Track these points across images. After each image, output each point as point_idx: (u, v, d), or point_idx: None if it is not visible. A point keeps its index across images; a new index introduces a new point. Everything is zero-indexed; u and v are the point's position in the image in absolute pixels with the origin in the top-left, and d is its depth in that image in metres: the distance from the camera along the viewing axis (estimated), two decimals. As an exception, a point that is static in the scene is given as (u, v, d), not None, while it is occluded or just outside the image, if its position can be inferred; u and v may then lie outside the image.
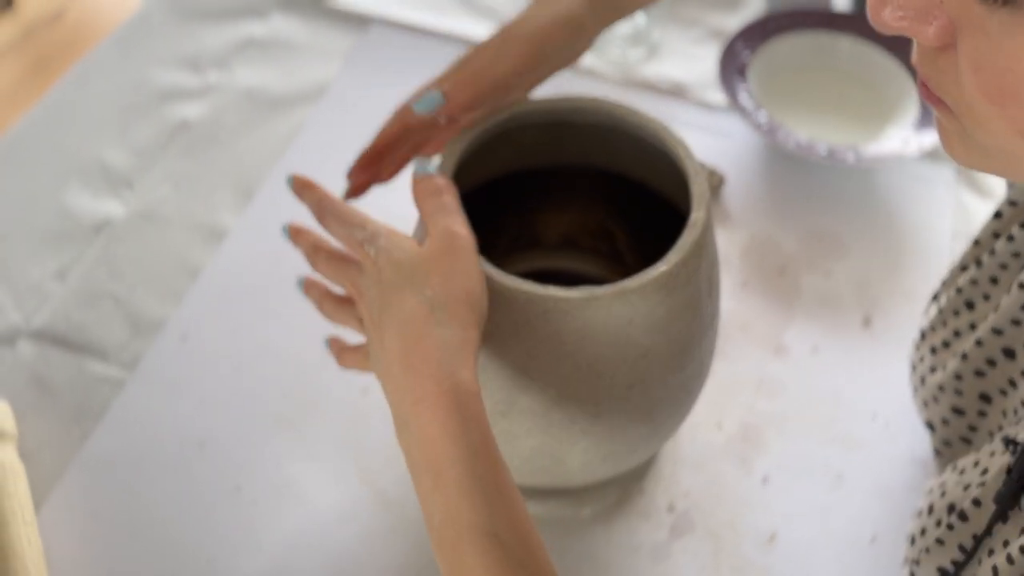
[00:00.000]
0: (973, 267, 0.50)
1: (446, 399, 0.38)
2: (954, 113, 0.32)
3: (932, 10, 0.30)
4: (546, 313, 0.41)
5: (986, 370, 0.47)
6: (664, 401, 0.46)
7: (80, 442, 0.61)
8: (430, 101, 0.47)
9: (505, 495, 0.38)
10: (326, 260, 0.48)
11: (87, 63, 0.84)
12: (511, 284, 0.41)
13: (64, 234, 0.72)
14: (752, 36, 0.79)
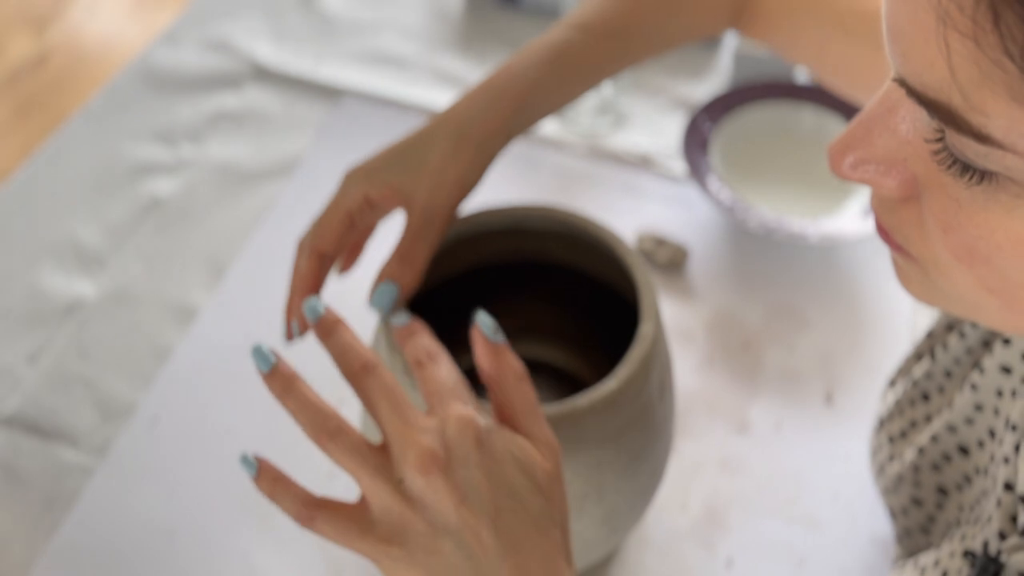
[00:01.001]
0: (928, 358, 0.50)
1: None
2: (915, 260, 0.31)
3: (895, 164, 0.29)
4: (497, 432, 0.42)
5: (942, 464, 0.48)
6: (619, 506, 0.47)
7: (49, 533, 0.61)
8: (384, 295, 0.45)
9: None
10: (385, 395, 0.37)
11: (59, 137, 0.85)
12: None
13: (35, 315, 0.72)
14: (714, 109, 0.80)
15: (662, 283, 0.74)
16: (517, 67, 0.48)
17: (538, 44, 0.50)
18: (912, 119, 0.28)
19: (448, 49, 0.94)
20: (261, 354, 0.40)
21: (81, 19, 2.14)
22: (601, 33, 0.51)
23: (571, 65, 0.50)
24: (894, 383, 0.55)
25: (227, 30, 0.95)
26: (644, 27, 0.53)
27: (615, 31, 0.52)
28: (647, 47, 0.54)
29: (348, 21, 0.96)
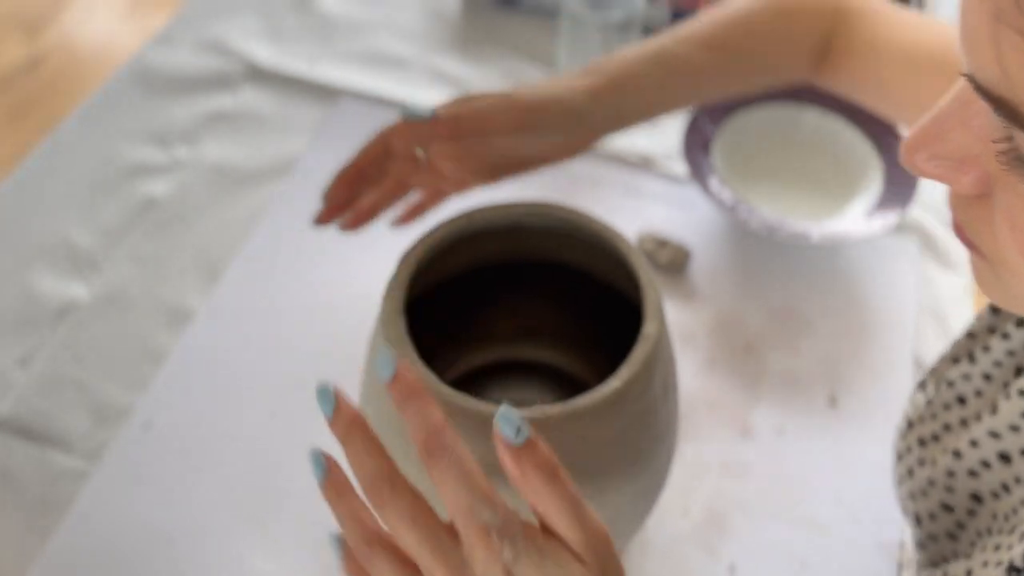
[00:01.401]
0: (966, 361, 0.49)
1: None
2: (988, 259, 0.31)
3: (968, 160, 0.29)
4: (499, 433, 0.41)
5: (980, 471, 0.46)
6: (622, 508, 0.46)
7: (43, 538, 0.60)
8: (419, 110, 0.50)
9: None
10: (410, 529, 0.33)
11: (54, 139, 0.84)
12: (464, 404, 0.41)
13: (28, 319, 0.71)
14: (716, 109, 0.79)
15: (664, 284, 0.74)
16: (617, 55, 0.55)
17: (638, 46, 0.56)
18: (983, 116, 0.28)
19: (445, 50, 0.93)
20: (325, 396, 0.36)
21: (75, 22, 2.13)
22: (706, 46, 0.57)
23: (668, 65, 0.56)
24: (924, 385, 0.54)
25: (222, 30, 0.94)
26: (745, 50, 0.58)
27: (723, 49, 0.57)
28: (746, 72, 0.59)
29: (344, 21, 0.96)
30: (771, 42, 0.59)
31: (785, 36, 0.59)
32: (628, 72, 0.55)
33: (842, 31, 0.58)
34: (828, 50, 0.58)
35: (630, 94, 0.55)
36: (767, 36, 0.58)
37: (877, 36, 0.56)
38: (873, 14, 0.57)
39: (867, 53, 0.56)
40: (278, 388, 0.67)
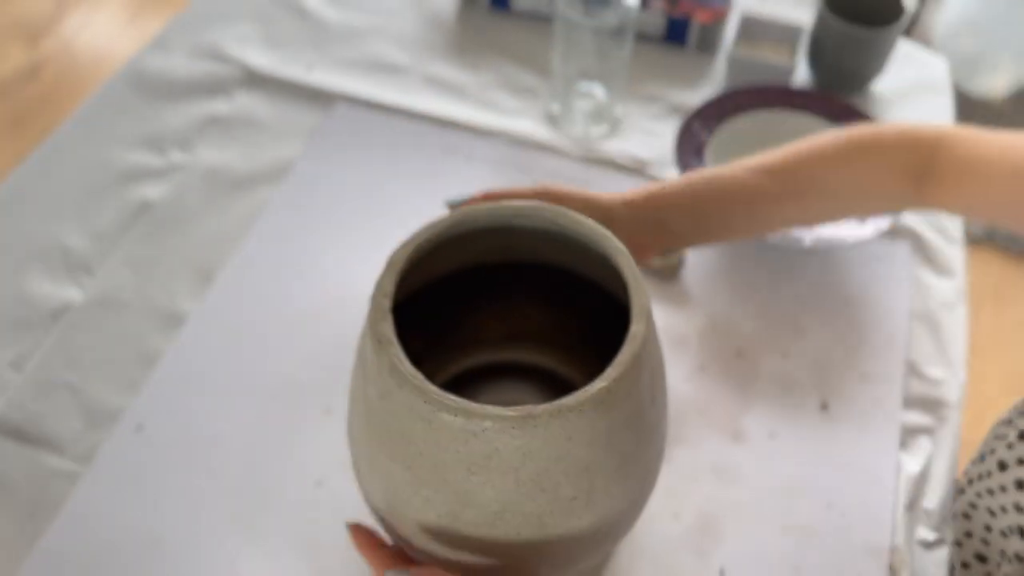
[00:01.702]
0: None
1: None
2: None
3: None
4: (485, 431, 0.41)
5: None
6: (610, 511, 0.46)
7: (33, 540, 0.60)
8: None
9: None
10: None
11: (49, 144, 0.84)
12: (451, 402, 0.41)
13: (22, 321, 0.71)
14: (709, 115, 0.80)
15: (656, 290, 0.74)
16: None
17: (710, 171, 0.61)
18: None
19: (440, 56, 0.93)
20: None
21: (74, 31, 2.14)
22: (767, 172, 0.60)
23: (718, 184, 0.60)
24: (1012, 421, 0.54)
25: (218, 37, 0.94)
26: (816, 179, 0.61)
27: (785, 175, 0.61)
28: (820, 200, 0.62)
29: (341, 29, 0.96)
30: (849, 176, 0.61)
31: (867, 170, 0.61)
32: (673, 186, 0.61)
33: (942, 157, 0.60)
34: (929, 176, 0.60)
35: (667, 207, 0.60)
36: (843, 170, 0.61)
37: (978, 156, 0.58)
38: (970, 137, 0.60)
39: (971, 173, 0.59)
40: (269, 391, 0.67)
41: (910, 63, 0.93)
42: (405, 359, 0.43)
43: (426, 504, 0.45)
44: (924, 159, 0.61)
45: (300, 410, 0.66)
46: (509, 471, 0.42)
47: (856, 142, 0.61)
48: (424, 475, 0.44)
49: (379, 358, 0.43)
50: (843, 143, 0.61)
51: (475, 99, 0.89)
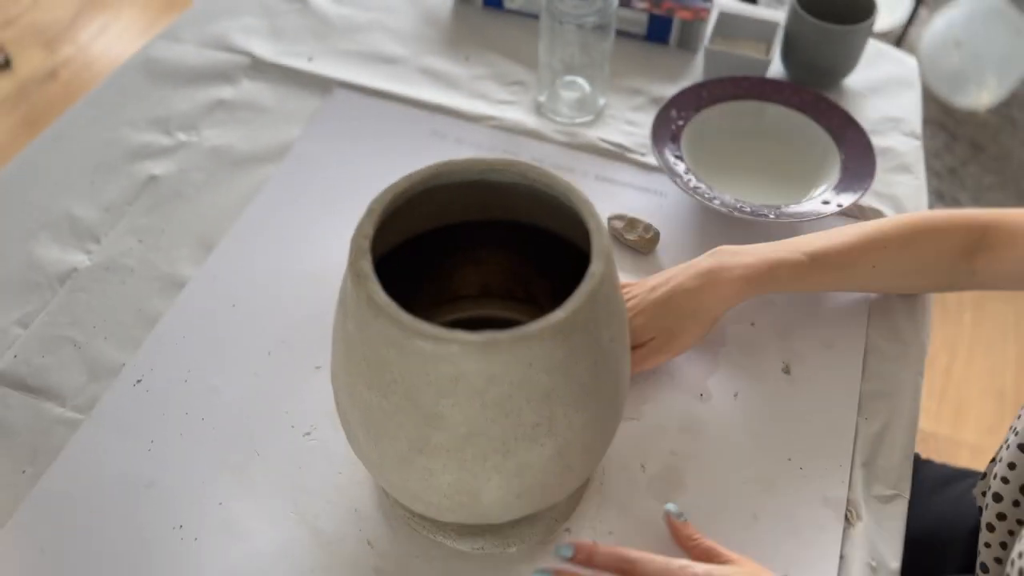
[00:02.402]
0: None
1: None
2: None
3: None
4: (452, 356, 0.44)
5: None
6: (572, 442, 0.50)
7: (33, 480, 0.64)
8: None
9: None
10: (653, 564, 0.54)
11: (61, 123, 0.89)
12: (422, 328, 0.45)
13: (30, 284, 0.76)
14: (686, 103, 0.84)
15: (633, 263, 0.77)
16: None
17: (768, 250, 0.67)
18: None
19: (435, 50, 0.98)
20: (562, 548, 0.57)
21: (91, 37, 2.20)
22: (821, 262, 0.66)
23: (782, 279, 0.66)
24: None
25: (225, 29, 0.99)
26: (867, 263, 0.67)
27: (836, 264, 0.67)
28: (872, 280, 0.70)
29: (342, 23, 1.01)
30: (908, 260, 0.68)
31: (925, 252, 0.68)
32: (742, 279, 0.66)
33: (992, 232, 0.66)
34: (982, 251, 0.67)
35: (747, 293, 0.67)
36: (902, 255, 0.68)
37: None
38: (1019, 213, 0.66)
39: (1019, 241, 0.65)
40: (263, 349, 0.71)
41: (881, 60, 0.97)
42: (381, 291, 0.46)
43: (400, 430, 0.48)
44: (976, 237, 0.67)
45: (291, 367, 0.70)
46: (475, 395, 0.46)
47: (912, 228, 0.67)
48: (398, 401, 0.47)
49: (357, 292, 0.47)
50: (901, 230, 0.67)
51: (466, 89, 0.93)
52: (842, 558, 0.61)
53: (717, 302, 0.66)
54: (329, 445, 0.66)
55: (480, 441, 0.47)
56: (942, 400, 1.55)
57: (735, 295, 0.66)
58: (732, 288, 0.66)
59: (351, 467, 0.65)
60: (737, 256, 0.67)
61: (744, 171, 0.83)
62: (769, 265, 0.66)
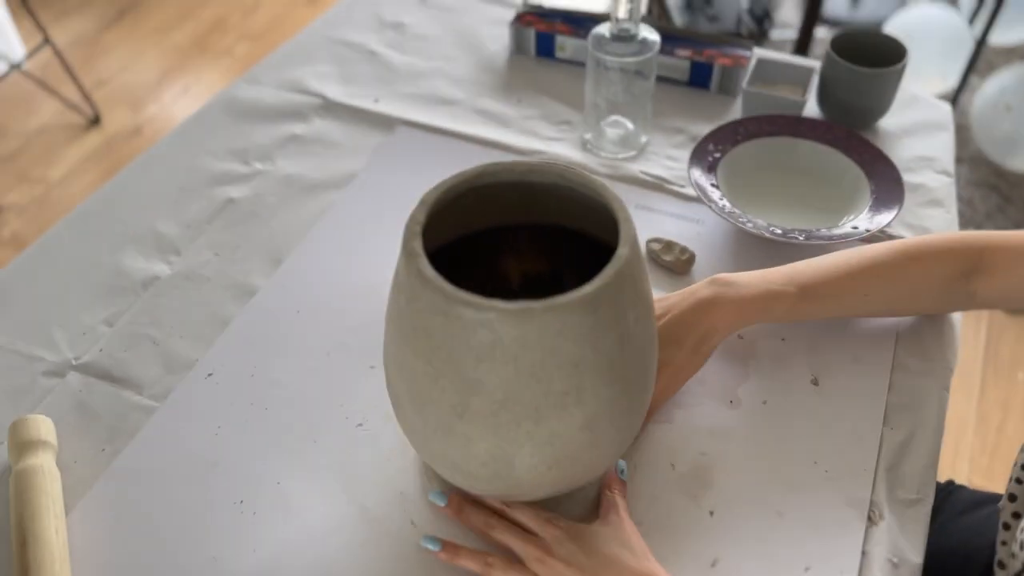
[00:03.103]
0: None
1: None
2: None
3: None
4: (490, 322, 0.49)
5: None
6: (600, 414, 0.54)
7: (110, 459, 0.70)
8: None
9: None
10: (506, 530, 0.61)
11: (150, 153, 0.99)
12: (464, 297, 0.50)
13: (116, 289, 0.83)
14: (723, 137, 0.89)
15: (669, 282, 0.82)
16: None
17: (763, 281, 0.70)
18: None
19: (490, 93, 1.06)
20: (438, 496, 0.65)
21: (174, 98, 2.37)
22: (814, 293, 0.69)
23: (775, 311, 0.69)
24: None
25: (301, 74, 1.09)
26: (861, 290, 0.70)
27: (830, 293, 0.69)
28: (868, 305, 0.71)
29: (406, 70, 1.10)
30: (904, 284, 0.70)
31: (921, 276, 0.70)
32: (739, 309, 0.70)
33: (988, 254, 0.69)
34: (979, 272, 0.70)
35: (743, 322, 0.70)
36: (899, 280, 0.70)
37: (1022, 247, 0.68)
38: (1014, 234, 0.69)
39: (1018, 262, 0.68)
40: (323, 350, 0.77)
41: (916, 105, 1.01)
42: (429, 266, 0.52)
43: (442, 395, 0.53)
44: (973, 259, 0.69)
45: (348, 366, 0.76)
46: (509, 360, 0.51)
47: (906, 254, 0.70)
48: (440, 366, 0.52)
49: (408, 268, 0.53)
50: (896, 256, 0.70)
51: (517, 128, 1.00)
52: (864, 554, 0.63)
53: (714, 332, 0.69)
54: (379, 436, 0.71)
55: (514, 407, 0.52)
56: (994, 457, 1.53)
57: (731, 326, 0.69)
58: (728, 319, 0.68)
59: (399, 455, 0.69)
60: (733, 287, 0.69)
61: (777, 201, 0.88)
62: (764, 297, 0.69)
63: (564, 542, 0.59)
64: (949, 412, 0.72)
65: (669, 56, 1.03)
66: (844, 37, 0.95)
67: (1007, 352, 1.68)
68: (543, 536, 0.60)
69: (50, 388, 0.75)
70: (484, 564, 0.60)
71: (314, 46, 1.15)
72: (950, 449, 1.54)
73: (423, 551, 0.64)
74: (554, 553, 0.59)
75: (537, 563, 0.59)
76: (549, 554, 0.59)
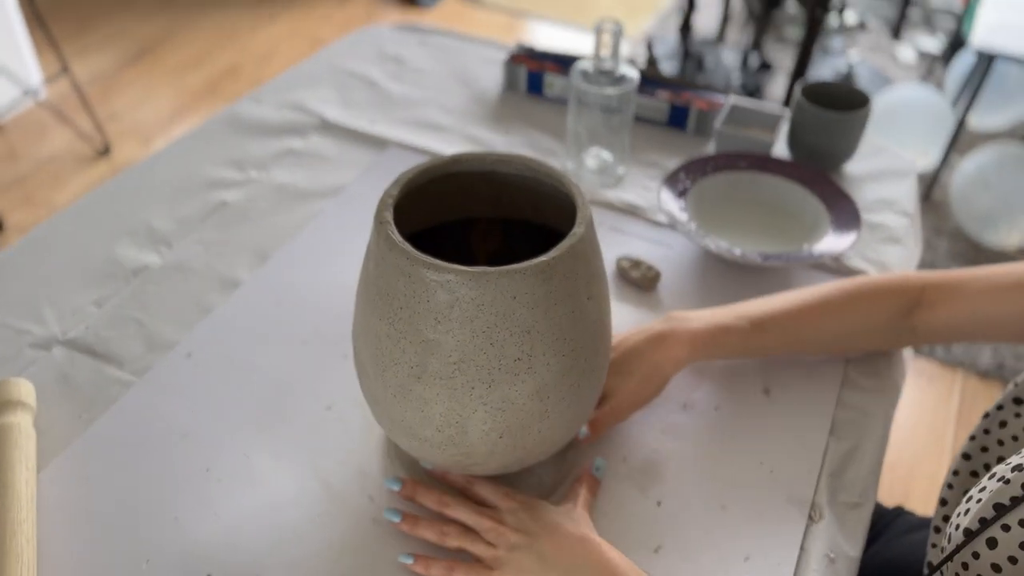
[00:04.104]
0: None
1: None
2: None
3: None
4: (449, 283, 0.53)
5: None
6: (549, 384, 0.57)
7: (86, 425, 0.73)
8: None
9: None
10: (460, 505, 0.64)
11: (152, 158, 1.04)
12: (426, 259, 0.54)
13: (108, 275, 0.87)
14: (694, 169, 0.94)
15: (636, 299, 0.86)
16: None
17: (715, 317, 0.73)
18: None
19: (480, 123, 1.12)
20: (393, 482, 0.67)
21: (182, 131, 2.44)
22: (763, 328, 0.73)
23: (726, 345, 0.73)
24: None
25: (303, 97, 1.15)
26: (810, 327, 0.74)
27: (779, 328, 0.73)
28: (816, 342, 0.76)
29: (401, 98, 1.16)
30: (849, 322, 0.74)
31: (865, 314, 0.74)
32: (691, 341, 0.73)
33: (929, 290, 0.73)
34: (919, 307, 0.74)
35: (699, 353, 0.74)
36: (844, 317, 0.74)
37: (962, 280, 0.73)
38: (952, 272, 0.73)
39: (957, 294, 0.72)
40: (300, 338, 0.81)
41: (880, 155, 1.07)
42: (396, 233, 0.56)
43: (403, 356, 0.57)
44: (914, 296, 0.74)
45: (322, 354, 0.79)
46: (466, 322, 0.54)
47: (850, 294, 0.74)
48: (403, 327, 0.56)
49: (378, 235, 0.57)
50: (841, 294, 0.74)
51: (504, 154, 1.06)
52: (803, 549, 0.65)
53: (666, 364, 0.71)
54: (346, 418, 0.74)
55: (469, 369, 0.55)
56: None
57: (682, 359, 0.72)
58: (680, 352, 0.71)
59: (363, 438, 0.72)
60: (685, 322, 0.73)
61: (742, 229, 0.92)
62: (713, 332, 0.72)
63: (517, 512, 0.62)
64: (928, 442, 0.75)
65: (649, 97, 1.09)
66: (814, 86, 1.02)
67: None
68: (500, 507, 0.63)
69: (35, 359, 0.78)
70: (440, 533, 0.63)
71: (318, 73, 1.21)
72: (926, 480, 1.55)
73: (379, 525, 0.66)
74: (506, 522, 0.61)
75: (490, 532, 0.61)
76: (501, 523, 0.61)
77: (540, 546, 0.60)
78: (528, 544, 0.60)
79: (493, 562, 0.61)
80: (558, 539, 0.60)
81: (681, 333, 0.72)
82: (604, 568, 0.58)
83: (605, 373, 0.64)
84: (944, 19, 3.05)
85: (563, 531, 0.60)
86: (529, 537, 0.60)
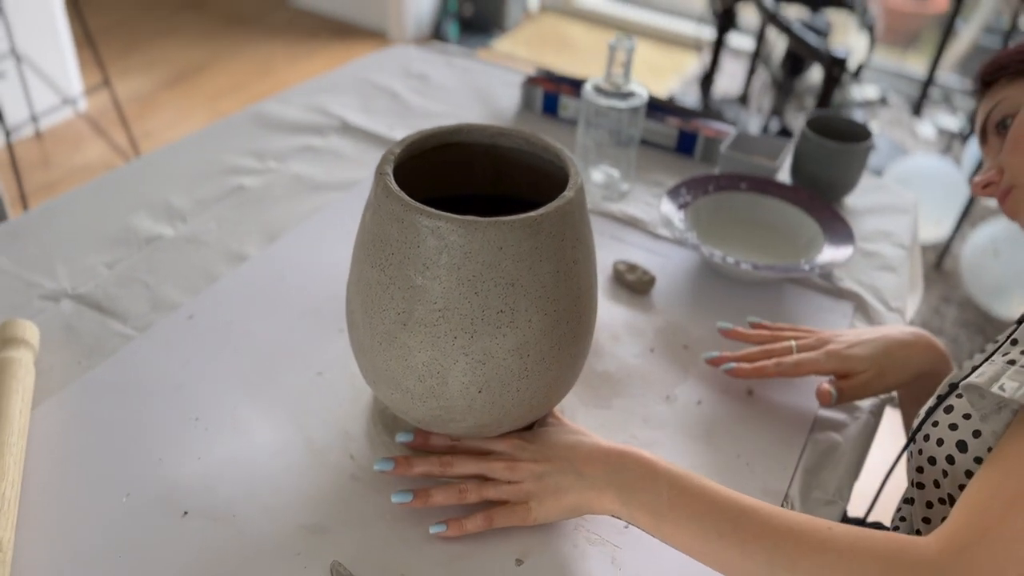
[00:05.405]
0: None
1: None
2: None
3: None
4: (439, 229, 0.56)
5: None
6: (530, 342, 0.59)
7: (85, 371, 0.75)
8: None
9: None
10: (463, 459, 0.64)
11: (176, 145, 1.08)
12: (419, 207, 0.56)
13: (122, 241, 0.90)
14: (697, 185, 0.97)
15: (630, 302, 0.88)
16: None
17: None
18: None
19: (495, 136, 1.15)
20: (385, 463, 0.65)
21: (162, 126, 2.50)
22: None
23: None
24: None
25: (327, 101, 1.20)
26: None
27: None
28: None
29: (420, 109, 1.20)
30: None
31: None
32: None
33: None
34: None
35: None
36: None
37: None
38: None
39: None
40: (298, 310, 0.83)
41: (882, 191, 1.09)
42: (393, 182, 0.59)
43: (391, 302, 0.59)
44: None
45: (319, 326, 0.81)
46: (453, 269, 0.56)
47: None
48: (393, 273, 0.58)
49: (377, 185, 0.60)
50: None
51: (514, 165, 1.09)
52: (773, 537, 0.65)
53: (928, 362, 0.76)
54: (335, 383, 0.75)
55: (452, 317, 0.57)
56: None
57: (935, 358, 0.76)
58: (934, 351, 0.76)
59: (350, 402, 0.74)
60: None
61: (739, 246, 0.94)
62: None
63: (523, 447, 0.63)
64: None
65: (659, 123, 1.12)
66: (819, 119, 1.05)
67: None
68: (501, 449, 0.64)
69: (43, 309, 0.81)
70: (458, 493, 0.63)
71: (344, 82, 1.26)
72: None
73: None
74: (518, 458, 0.63)
75: (507, 471, 0.62)
76: (515, 460, 0.63)
77: (570, 464, 0.61)
78: (556, 467, 0.61)
79: (525, 495, 0.62)
80: (584, 452, 0.61)
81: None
82: (640, 462, 0.59)
83: (588, 346, 0.65)
84: (963, 99, 3.11)
85: (591, 446, 0.62)
86: (552, 461, 0.62)
